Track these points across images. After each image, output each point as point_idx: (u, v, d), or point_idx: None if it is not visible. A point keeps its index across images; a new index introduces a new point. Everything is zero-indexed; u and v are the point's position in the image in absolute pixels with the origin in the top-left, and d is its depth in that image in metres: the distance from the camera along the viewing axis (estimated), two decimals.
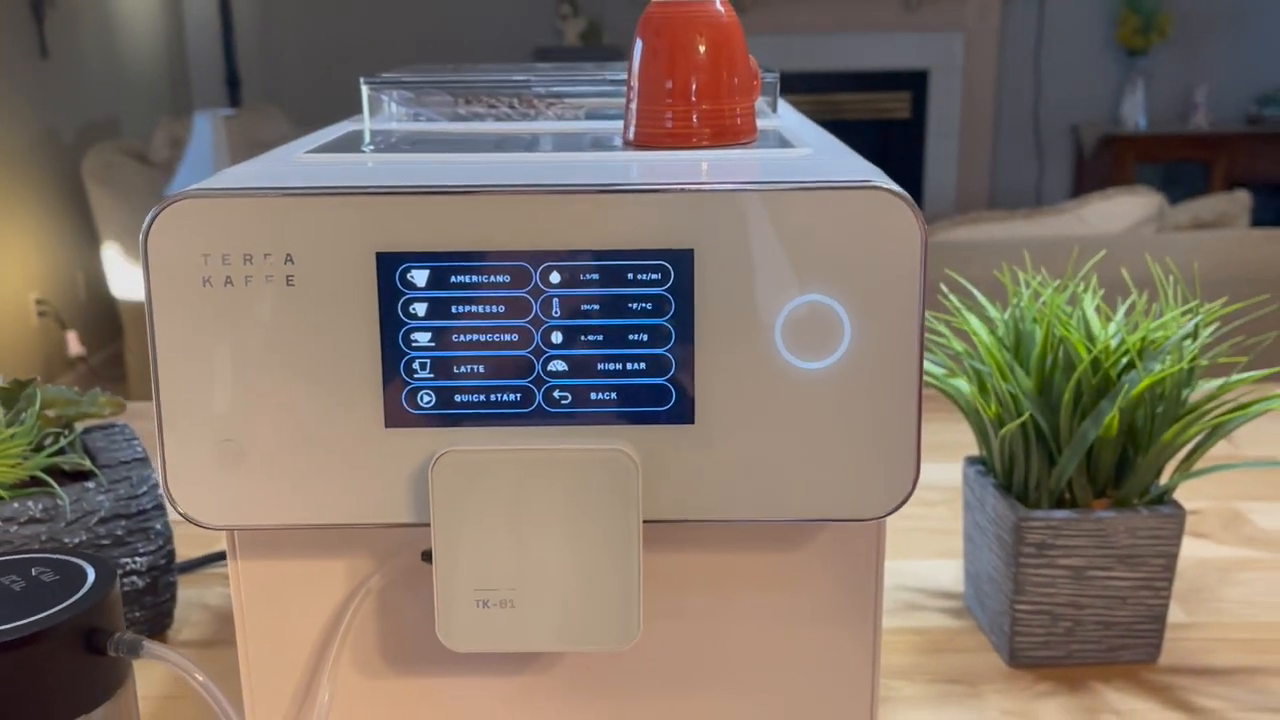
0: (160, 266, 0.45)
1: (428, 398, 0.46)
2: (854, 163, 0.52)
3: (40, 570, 0.45)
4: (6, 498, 0.74)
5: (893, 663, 0.79)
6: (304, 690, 0.54)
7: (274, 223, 0.44)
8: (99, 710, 0.45)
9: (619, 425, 0.46)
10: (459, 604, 0.46)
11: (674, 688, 0.55)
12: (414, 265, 0.45)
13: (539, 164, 0.51)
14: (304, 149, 0.56)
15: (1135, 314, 0.79)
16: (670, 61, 0.55)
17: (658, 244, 0.45)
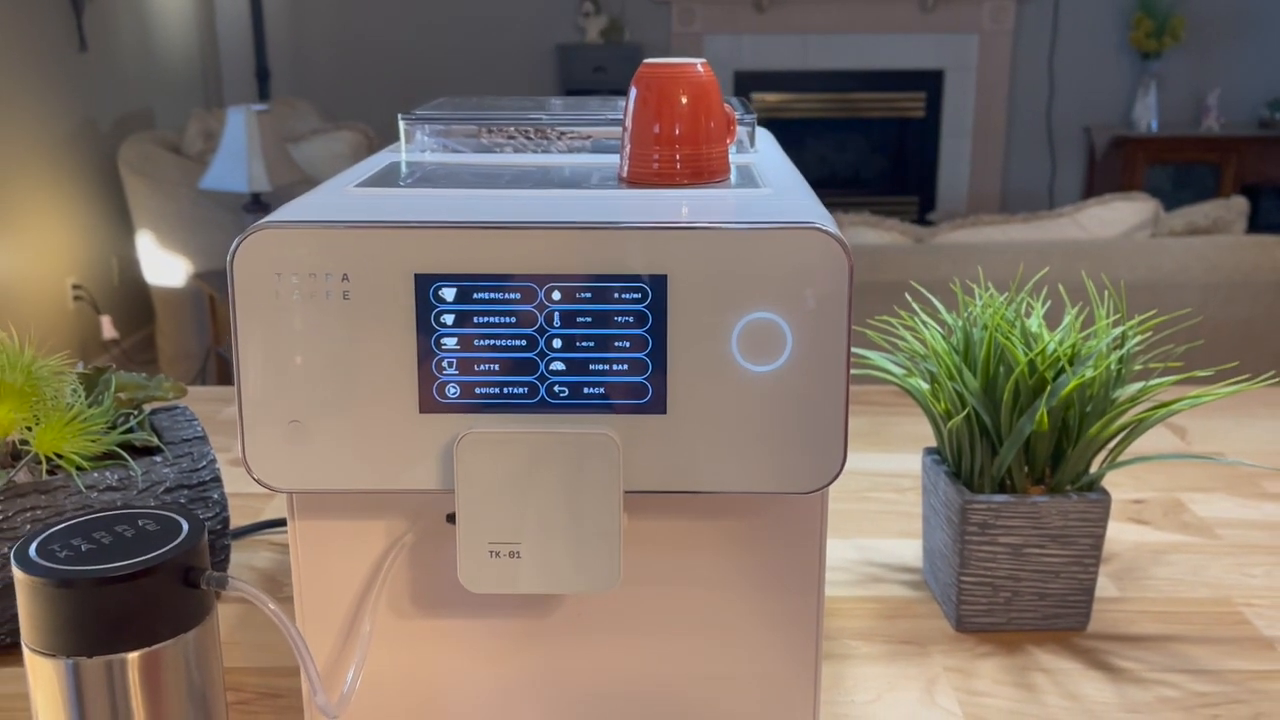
0: (243, 282, 0.56)
1: (453, 389, 0.58)
2: (805, 203, 0.63)
3: (145, 522, 0.57)
4: (88, 468, 0.86)
5: (853, 626, 0.90)
6: (347, 625, 0.65)
7: (333, 249, 0.56)
8: (192, 633, 0.56)
9: (606, 414, 0.58)
10: (476, 554, 0.58)
11: (647, 631, 0.66)
12: (444, 284, 0.57)
13: (546, 200, 0.63)
14: (353, 181, 0.68)
15: (1073, 323, 0.90)
16: (657, 112, 0.66)
17: (639, 270, 0.57)
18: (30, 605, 0.54)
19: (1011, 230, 2.62)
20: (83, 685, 0.54)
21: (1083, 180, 5.50)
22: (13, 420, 0.83)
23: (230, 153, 3.48)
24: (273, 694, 0.80)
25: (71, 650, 0.54)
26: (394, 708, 0.67)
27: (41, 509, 0.83)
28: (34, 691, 0.56)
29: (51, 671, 0.55)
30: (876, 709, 0.79)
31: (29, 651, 0.55)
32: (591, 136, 0.85)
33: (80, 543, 0.55)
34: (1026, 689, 0.81)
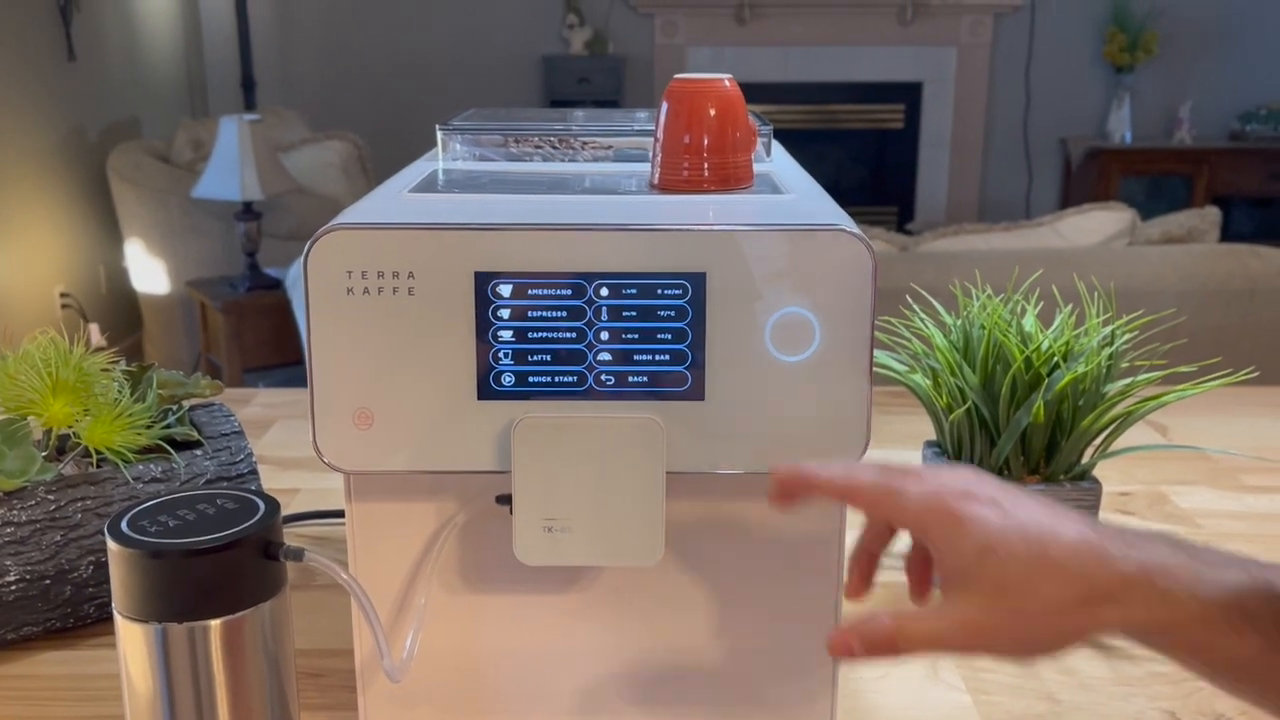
0: (316, 280, 0.61)
1: (509, 378, 0.63)
2: (827, 207, 0.68)
3: (224, 501, 0.62)
4: (134, 460, 0.91)
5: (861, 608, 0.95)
6: (399, 602, 0.70)
7: (400, 249, 0.61)
8: (268, 603, 0.61)
9: (649, 401, 0.63)
10: (531, 529, 0.63)
11: (679, 606, 0.71)
12: (501, 281, 0.62)
13: (592, 204, 0.68)
14: (404, 187, 0.73)
15: (1065, 323, 0.95)
16: (687, 124, 0.72)
17: (679, 268, 0.62)
18: (123, 575, 0.58)
19: (993, 239, 2.69)
20: (169, 649, 0.59)
21: (1058, 191, 5.60)
22: (67, 414, 0.88)
23: (223, 162, 3.51)
24: (316, 674, 0.84)
25: (160, 616, 0.59)
26: (443, 676, 0.72)
27: (91, 499, 0.88)
28: (124, 655, 0.60)
29: (141, 636, 0.59)
30: (886, 684, 0.85)
31: (120, 618, 0.60)
32: (613, 146, 0.90)
33: (167, 519, 0.60)
34: (1026, 665, 0.87)
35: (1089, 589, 0.52)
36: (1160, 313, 0.99)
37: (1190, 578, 0.52)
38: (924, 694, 0.83)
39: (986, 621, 0.54)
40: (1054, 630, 0.53)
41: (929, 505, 0.56)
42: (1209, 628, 0.51)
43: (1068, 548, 0.53)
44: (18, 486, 0.85)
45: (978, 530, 0.54)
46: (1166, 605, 0.52)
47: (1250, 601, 0.51)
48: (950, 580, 0.55)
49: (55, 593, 0.87)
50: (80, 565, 0.87)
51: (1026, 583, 0.53)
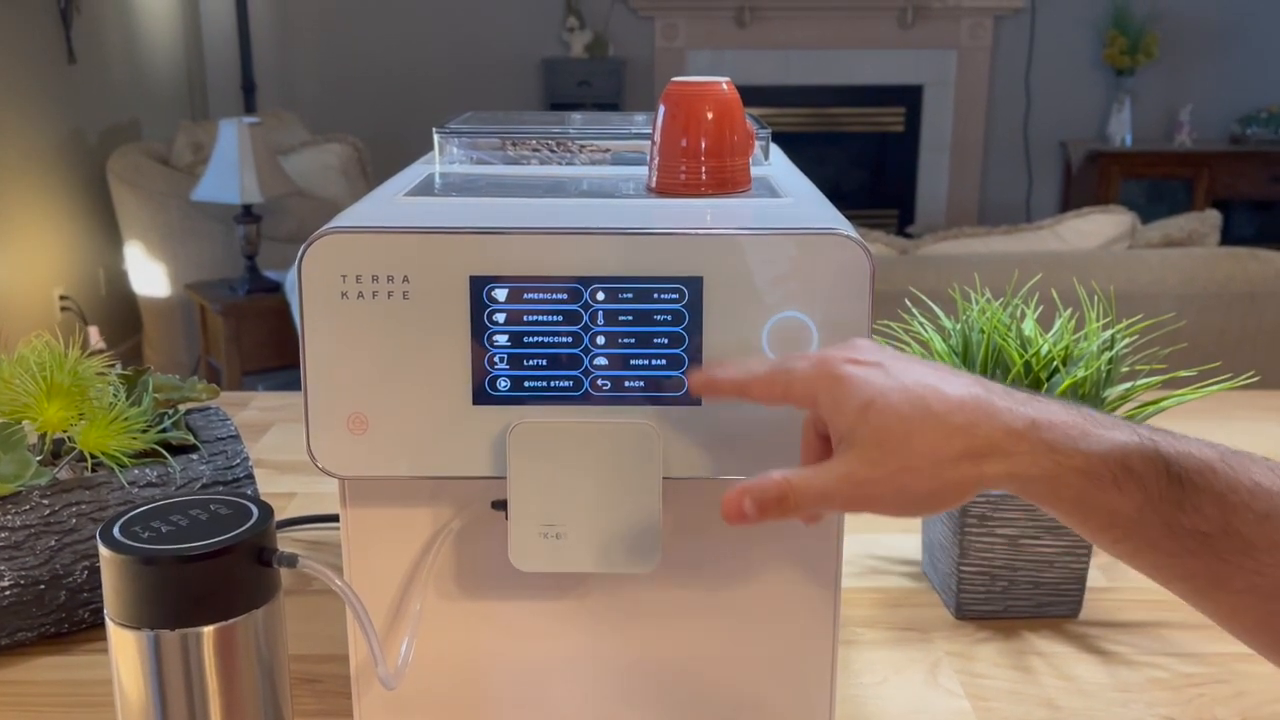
0: (311, 284, 0.61)
1: (505, 383, 0.62)
2: (825, 211, 0.68)
3: (217, 506, 0.61)
4: (130, 465, 0.90)
5: (858, 614, 0.95)
6: (394, 608, 0.70)
7: (395, 253, 0.61)
8: (262, 609, 0.61)
9: (646, 406, 0.63)
10: (527, 535, 0.62)
11: (677, 614, 0.71)
12: (496, 285, 0.61)
13: (588, 208, 0.67)
14: (399, 190, 0.72)
15: (1065, 327, 0.95)
16: (684, 128, 0.71)
17: (676, 272, 0.61)
18: (115, 581, 0.58)
19: (993, 242, 2.69)
20: (162, 656, 0.59)
21: (1059, 194, 5.60)
22: (62, 418, 0.87)
23: (222, 165, 3.51)
24: (311, 679, 0.84)
25: (153, 623, 0.58)
26: (439, 683, 0.71)
27: (86, 504, 0.87)
28: (116, 662, 0.60)
29: (133, 643, 0.59)
30: (884, 690, 0.84)
31: (113, 624, 0.59)
32: (611, 150, 0.89)
33: (160, 524, 0.60)
34: (1024, 671, 0.86)
35: (971, 441, 0.53)
36: (1160, 316, 0.99)
37: (1078, 433, 0.53)
38: (923, 700, 0.83)
39: (869, 474, 0.54)
40: (937, 482, 0.54)
41: (815, 373, 0.56)
42: (1092, 481, 0.53)
43: (951, 401, 0.54)
44: (12, 491, 0.85)
45: (860, 388, 0.55)
46: (1051, 458, 0.53)
47: (1134, 459, 0.53)
48: (838, 440, 0.56)
49: (50, 598, 0.86)
50: (75, 570, 0.87)
51: (906, 436, 0.53)
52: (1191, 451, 0.53)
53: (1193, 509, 0.52)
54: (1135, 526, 0.53)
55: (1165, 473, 0.53)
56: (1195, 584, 0.55)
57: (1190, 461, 0.53)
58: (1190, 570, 0.54)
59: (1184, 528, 0.53)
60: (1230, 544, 0.52)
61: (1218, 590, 0.54)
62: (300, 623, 0.91)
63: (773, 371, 0.58)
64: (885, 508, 0.55)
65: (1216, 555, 0.53)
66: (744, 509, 0.56)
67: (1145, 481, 0.52)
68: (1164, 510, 0.53)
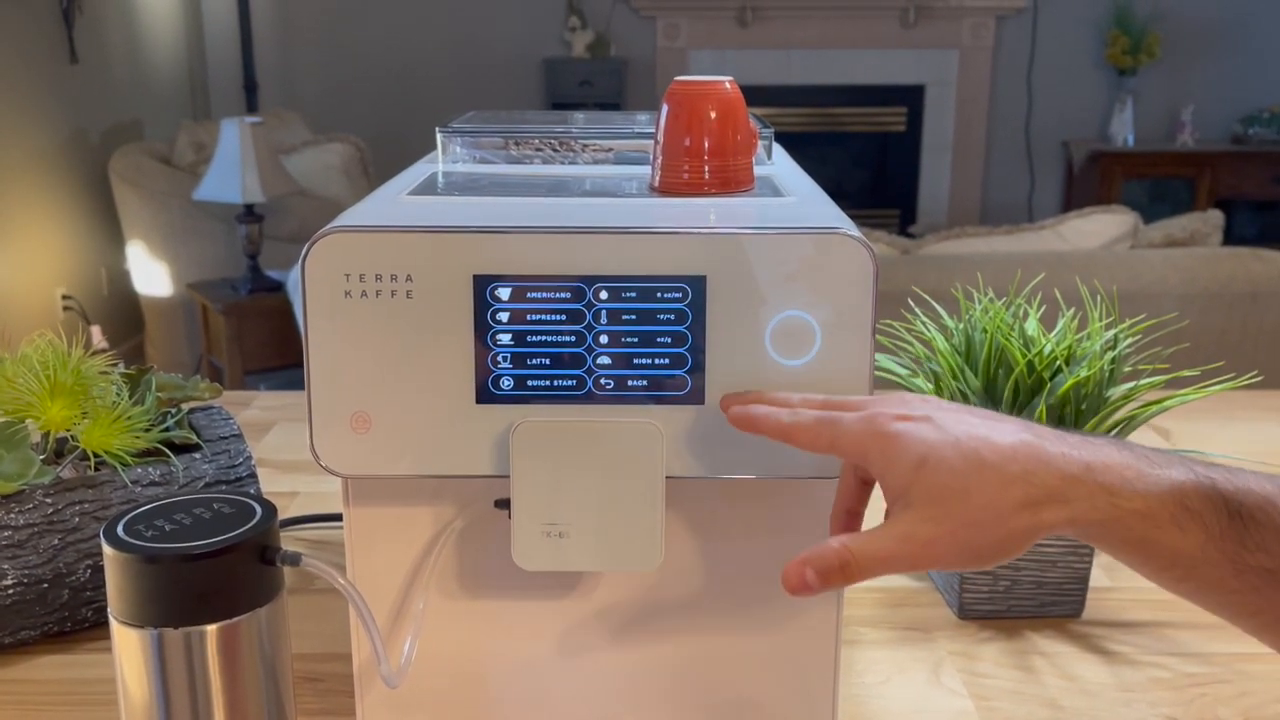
0: (314, 283, 0.61)
1: (508, 382, 0.62)
2: (828, 210, 0.68)
3: (220, 505, 0.61)
4: (133, 464, 0.90)
5: (861, 614, 0.95)
6: (396, 606, 0.70)
7: (398, 252, 0.61)
8: (265, 608, 0.61)
9: (649, 405, 0.63)
10: (529, 534, 0.62)
11: (680, 613, 0.71)
12: (500, 284, 0.61)
13: (591, 207, 0.67)
14: (402, 189, 0.72)
15: (1068, 326, 0.95)
16: (687, 127, 0.71)
17: (679, 271, 0.61)
18: (119, 579, 0.58)
19: (995, 242, 2.69)
20: (165, 654, 0.59)
21: (1061, 194, 5.59)
22: (65, 417, 0.87)
23: (224, 164, 3.51)
24: (314, 678, 0.84)
25: (156, 621, 0.58)
26: (442, 682, 0.71)
27: (89, 503, 0.87)
28: (119, 660, 0.60)
29: (137, 641, 0.59)
30: (887, 689, 0.84)
31: (116, 623, 0.59)
32: (613, 149, 0.89)
33: (163, 523, 0.60)
34: (1027, 671, 0.86)
35: (1029, 490, 0.53)
36: (1163, 316, 0.99)
37: (1134, 474, 0.53)
38: (926, 700, 0.83)
39: (929, 533, 0.54)
40: (999, 533, 0.53)
41: (865, 430, 0.56)
42: (1152, 523, 0.52)
43: (1004, 451, 0.54)
44: (15, 490, 0.85)
45: (912, 445, 0.54)
46: (1109, 501, 0.53)
47: (1192, 497, 0.52)
48: (893, 500, 0.56)
49: (53, 596, 0.86)
50: (78, 569, 0.87)
51: (964, 491, 0.53)
52: (1250, 487, 0.53)
53: (1256, 546, 0.52)
54: (1198, 566, 0.53)
55: (1225, 509, 0.52)
56: (1264, 620, 0.54)
57: (1250, 498, 0.52)
58: (1257, 607, 0.53)
59: (1248, 565, 0.52)
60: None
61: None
62: (303, 622, 0.91)
63: (819, 422, 0.57)
64: (949, 563, 0.55)
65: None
66: (807, 580, 0.55)
67: (1205, 520, 0.52)
68: (1227, 548, 0.52)
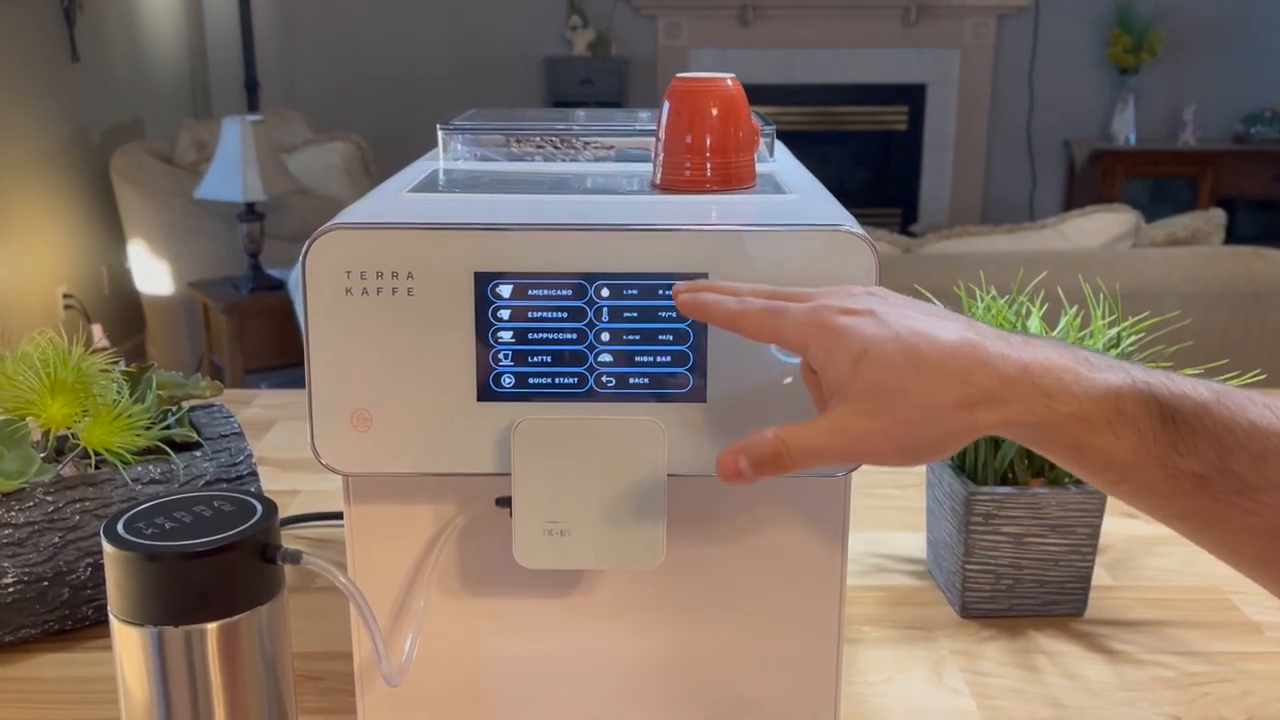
0: (315, 280, 0.61)
1: (509, 379, 0.62)
2: (830, 207, 0.68)
3: (221, 503, 0.61)
4: (133, 462, 0.90)
5: (863, 613, 0.95)
6: (398, 605, 0.69)
7: (399, 249, 0.61)
8: (265, 606, 0.60)
9: (650, 403, 0.62)
10: (531, 533, 0.62)
11: (680, 611, 0.70)
12: (501, 281, 0.61)
13: (593, 204, 0.67)
14: (403, 187, 0.72)
15: (1070, 325, 0.95)
16: (689, 124, 0.71)
17: (681, 268, 0.61)
18: (119, 577, 0.58)
19: (997, 241, 2.68)
20: (165, 653, 0.59)
21: (1062, 193, 5.59)
22: (66, 415, 0.87)
23: (226, 162, 3.51)
24: (314, 676, 0.84)
25: (156, 620, 0.58)
26: (443, 681, 0.71)
27: (90, 500, 0.87)
28: (120, 659, 0.60)
29: (137, 640, 0.59)
30: (889, 688, 0.84)
31: (116, 621, 0.59)
32: (615, 146, 0.89)
33: (164, 521, 0.59)
34: (1029, 670, 0.86)
35: (966, 390, 0.53)
36: (1165, 315, 0.99)
37: (1071, 378, 0.53)
38: (928, 699, 0.83)
39: (864, 427, 0.54)
40: (933, 431, 0.53)
41: (808, 321, 0.55)
42: (1086, 426, 0.52)
43: (944, 349, 0.53)
44: (16, 488, 0.85)
45: (852, 339, 0.54)
46: (1045, 404, 0.52)
47: (1128, 401, 0.52)
48: (831, 393, 0.55)
49: (53, 595, 0.86)
50: (78, 567, 0.87)
51: (901, 386, 0.53)
52: (1187, 392, 0.53)
53: (1188, 451, 0.52)
54: (1131, 469, 0.53)
55: (1159, 414, 0.52)
56: (1193, 523, 0.54)
57: (1185, 403, 0.52)
58: (1187, 510, 0.54)
59: (1179, 469, 0.52)
60: (1226, 485, 0.52)
61: (1216, 529, 0.54)
62: (303, 620, 0.91)
63: (765, 311, 0.57)
64: (881, 459, 0.55)
65: (1213, 496, 0.52)
66: (739, 468, 0.55)
67: (1139, 424, 0.52)
68: (1159, 452, 0.52)
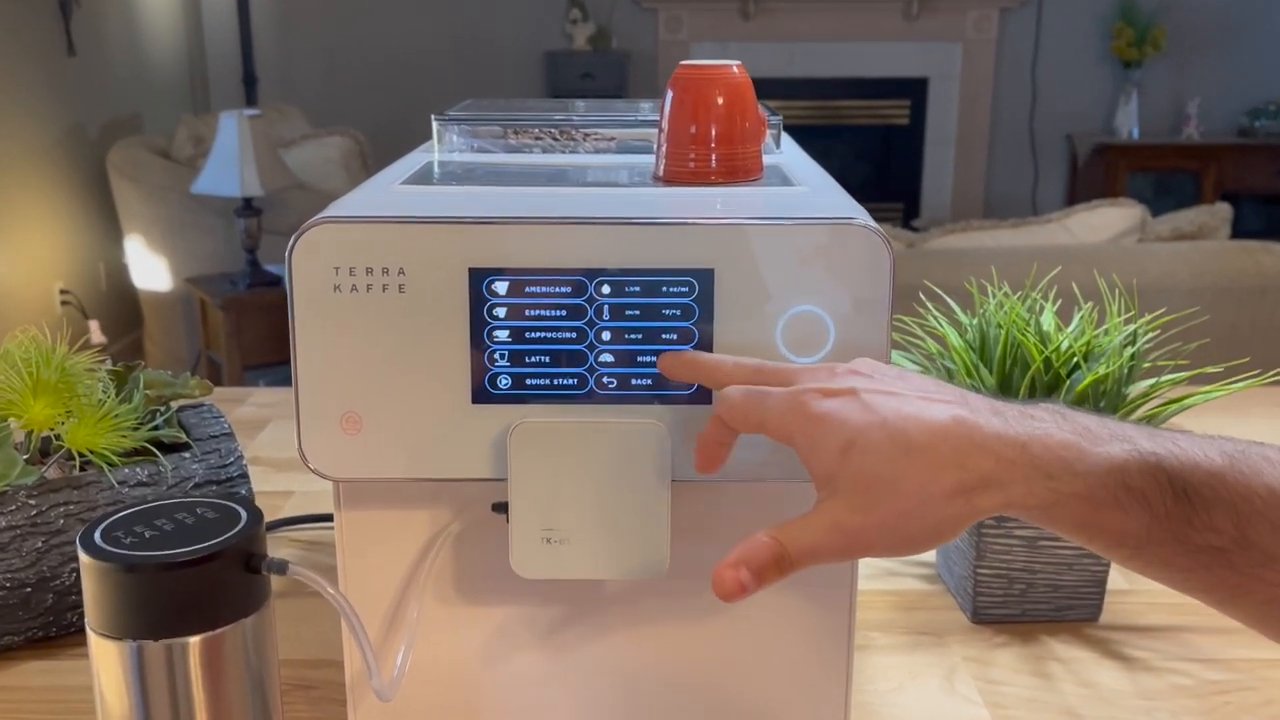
0: (302, 276, 0.58)
1: (505, 380, 0.59)
2: (841, 200, 0.65)
3: (204, 510, 0.59)
4: (119, 464, 0.87)
5: (872, 618, 0.92)
6: (390, 614, 0.67)
7: (390, 244, 0.58)
8: (251, 618, 0.58)
9: (653, 405, 0.60)
10: (528, 541, 0.59)
11: (685, 619, 0.68)
12: (497, 278, 0.58)
13: (593, 197, 0.64)
14: (396, 179, 0.69)
15: (1085, 321, 0.92)
16: (693, 113, 0.68)
17: (686, 264, 0.58)
18: (96, 589, 0.55)
19: (1001, 236, 2.66)
20: (146, 668, 0.56)
21: (1065, 187, 5.56)
22: (49, 416, 0.84)
23: (223, 157, 3.48)
24: (305, 685, 0.81)
25: (136, 633, 0.55)
26: (438, 693, 0.68)
27: (74, 504, 0.84)
28: (97, 674, 0.57)
29: (116, 654, 0.56)
30: (899, 697, 0.81)
31: (94, 635, 0.56)
32: (616, 138, 0.86)
33: (144, 529, 0.57)
34: (1044, 678, 0.84)
35: (961, 475, 0.50)
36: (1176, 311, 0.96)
37: (1073, 455, 0.50)
38: (940, 708, 0.80)
39: (859, 522, 0.51)
40: (930, 521, 0.51)
41: (788, 410, 0.53)
42: (1093, 505, 0.50)
43: (935, 432, 0.50)
44: None
45: (836, 429, 0.51)
46: (1047, 485, 0.50)
47: (1134, 476, 0.50)
48: (820, 485, 0.53)
49: (37, 601, 0.84)
50: (63, 572, 0.84)
51: (892, 476, 0.50)
52: (1198, 461, 0.50)
53: (1203, 525, 0.49)
54: (1145, 545, 0.50)
55: (1169, 488, 0.49)
56: (1216, 596, 0.52)
57: (1196, 474, 0.50)
58: (1208, 584, 0.51)
59: (1196, 544, 0.50)
60: (1247, 557, 0.49)
61: (1241, 601, 0.51)
62: (294, 625, 0.88)
63: (745, 399, 0.54)
64: (882, 552, 0.52)
65: (1233, 569, 0.50)
66: (742, 580, 0.52)
67: (1149, 499, 0.49)
68: (1173, 527, 0.50)
